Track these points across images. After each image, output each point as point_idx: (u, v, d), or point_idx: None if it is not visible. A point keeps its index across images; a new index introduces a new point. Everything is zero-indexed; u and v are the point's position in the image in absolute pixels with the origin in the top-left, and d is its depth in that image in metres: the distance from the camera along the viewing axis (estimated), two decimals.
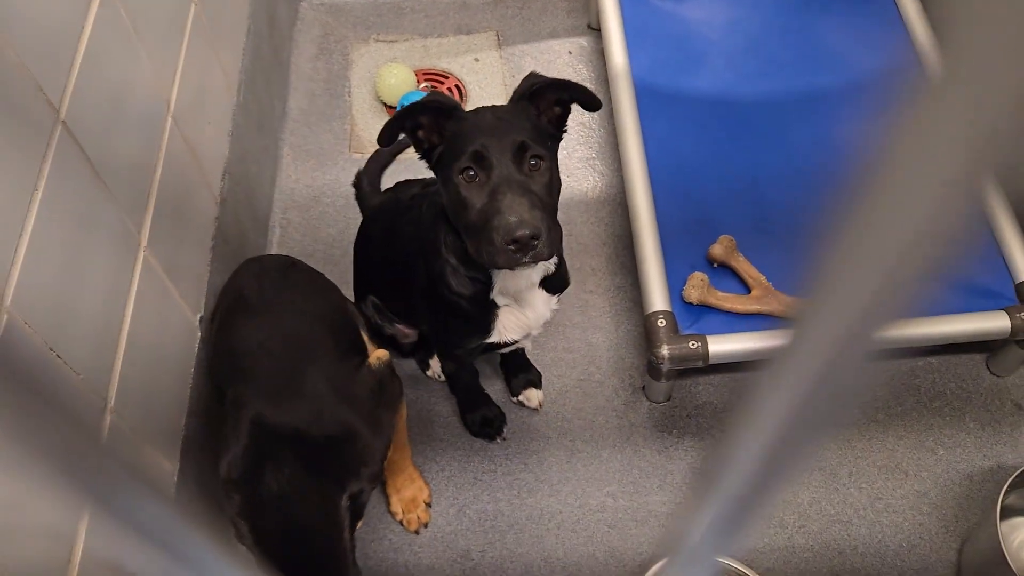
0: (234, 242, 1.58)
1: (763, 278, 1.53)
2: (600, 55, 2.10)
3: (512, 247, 1.03)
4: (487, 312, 1.26)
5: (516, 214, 1.02)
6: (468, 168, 1.07)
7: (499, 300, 1.25)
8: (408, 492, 1.48)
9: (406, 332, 1.58)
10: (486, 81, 2.08)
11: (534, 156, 1.08)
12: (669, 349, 1.45)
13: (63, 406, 0.27)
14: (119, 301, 1.13)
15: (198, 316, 1.39)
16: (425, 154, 1.16)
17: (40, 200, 0.93)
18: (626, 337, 1.70)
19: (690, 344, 1.45)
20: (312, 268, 1.45)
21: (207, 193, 1.48)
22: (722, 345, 1.45)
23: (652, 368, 1.52)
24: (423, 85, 2.06)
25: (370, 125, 2.01)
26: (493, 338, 1.29)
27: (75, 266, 1.01)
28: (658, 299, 1.51)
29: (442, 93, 1.18)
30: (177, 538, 0.34)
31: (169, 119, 1.32)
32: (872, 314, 0.26)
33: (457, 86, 2.06)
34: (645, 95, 1.80)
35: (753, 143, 1.76)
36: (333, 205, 1.86)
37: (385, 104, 2.03)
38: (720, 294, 1.52)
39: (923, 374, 1.66)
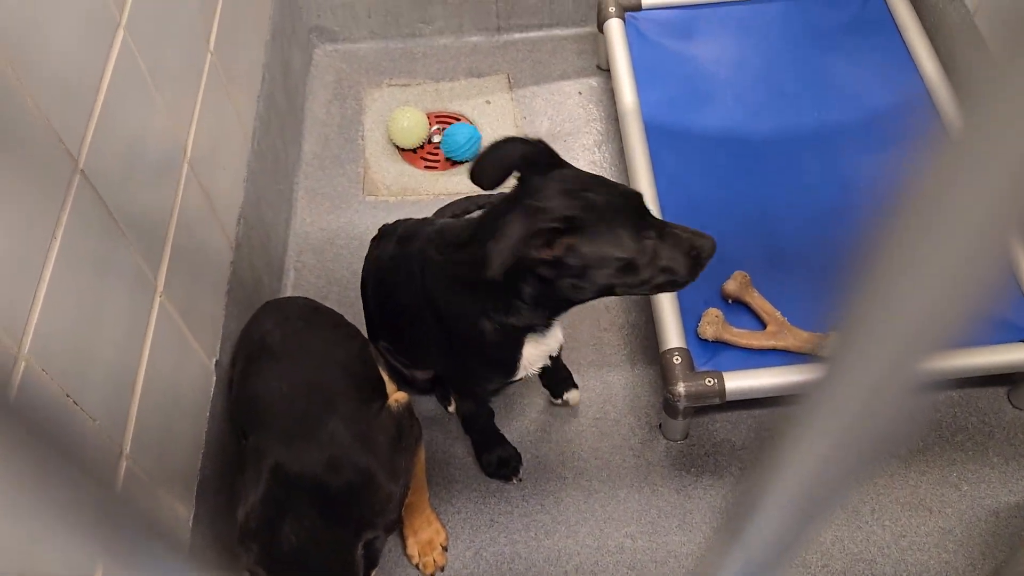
0: (249, 286, 1.60)
1: (778, 313, 1.52)
2: (610, 94, 2.12)
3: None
4: (515, 353, 1.27)
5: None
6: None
7: (529, 340, 1.26)
8: (425, 534, 1.47)
9: (421, 373, 1.59)
10: (498, 123, 2.10)
11: None
12: (685, 386, 1.44)
13: (79, 456, 0.27)
14: (135, 346, 1.13)
15: (213, 360, 1.40)
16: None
17: (58, 248, 0.95)
18: (642, 375, 1.69)
19: (706, 381, 1.44)
20: (333, 311, 1.46)
21: (222, 238, 1.49)
22: (739, 381, 1.44)
23: (668, 406, 1.51)
24: (435, 128, 2.09)
25: (383, 168, 2.03)
26: (519, 375, 1.31)
27: (92, 312, 1.02)
28: (673, 336, 1.50)
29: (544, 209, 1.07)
30: None
31: (185, 166, 1.34)
32: (914, 347, 0.26)
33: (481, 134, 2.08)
34: (655, 133, 1.81)
35: (764, 179, 1.76)
36: (347, 247, 1.87)
37: (398, 147, 2.05)
38: (735, 330, 1.51)
39: (944, 408, 1.64)
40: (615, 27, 2.00)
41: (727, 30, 2.02)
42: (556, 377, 1.63)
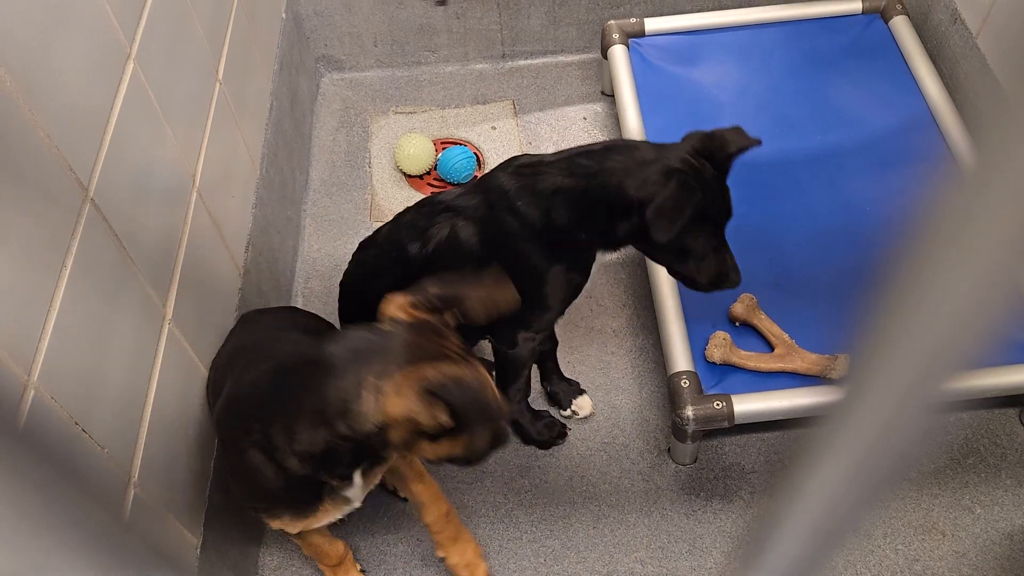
0: None
1: (786, 336, 1.52)
2: (614, 120, 2.13)
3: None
4: (590, 259, 1.38)
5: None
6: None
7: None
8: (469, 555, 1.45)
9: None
10: (503, 148, 2.11)
11: None
12: (694, 410, 1.44)
13: (86, 482, 0.27)
14: (144, 373, 1.14)
15: None
16: None
17: (68, 275, 0.95)
18: (650, 399, 1.69)
19: (715, 404, 1.43)
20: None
21: (231, 264, 1.50)
22: (747, 404, 1.44)
23: (677, 429, 1.50)
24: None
25: (390, 194, 2.04)
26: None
27: (101, 340, 1.03)
28: (681, 359, 1.50)
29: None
30: None
31: (194, 194, 1.35)
32: (933, 369, 0.26)
33: (476, 154, 2.10)
34: None
35: (769, 202, 1.77)
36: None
37: (405, 174, 2.06)
38: (743, 353, 1.51)
39: (955, 430, 1.62)
40: (619, 53, 2.02)
41: (730, 55, 2.03)
42: (558, 382, 1.65)
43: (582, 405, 1.65)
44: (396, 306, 1.03)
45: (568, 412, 1.65)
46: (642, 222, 1.24)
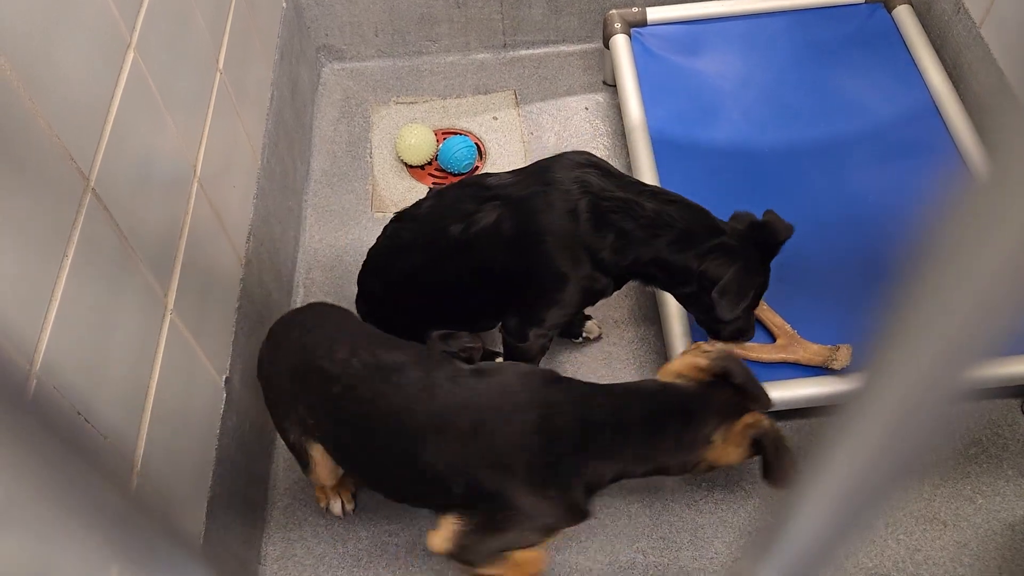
0: (259, 303, 1.60)
1: (788, 326, 1.52)
2: (616, 110, 2.13)
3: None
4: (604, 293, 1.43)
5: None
6: None
7: None
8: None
9: (476, 342, 1.56)
10: (505, 139, 2.11)
11: None
12: None
13: (94, 457, 0.27)
14: (146, 364, 1.14)
15: (223, 377, 1.40)
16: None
17: (69, 266, 0.95)
18: None
19: None
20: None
21: (232, 255, 1.50)
22: None
23: None
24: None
25: (391, 185, 2.04)
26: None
27: (103, 330, 1.03)
28: (682, 350, 1.50)
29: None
30: None
31: (195, 183, 1.35)
32: (952, 359, 0.26)
33: (476, 144, 2.09)
34: (662, 148, 1.81)
35: (771, 193, 1.76)
36: (356, 264, 1.87)
37: (406, 164, 2.06)
38: (746, 343, 1.50)
39: (957, 421, 1.62)
40: (621, 43, 2.01)
41: (732, 45, 2.02)
42: (571, 323, 1.71)
43: (591, 329, 1.73)
44: (686, 366, 1.20)
45: (580, 339, 1.73)
46: (700, 290, 1.34)
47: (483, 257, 1.37)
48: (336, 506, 1.52)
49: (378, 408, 1.18)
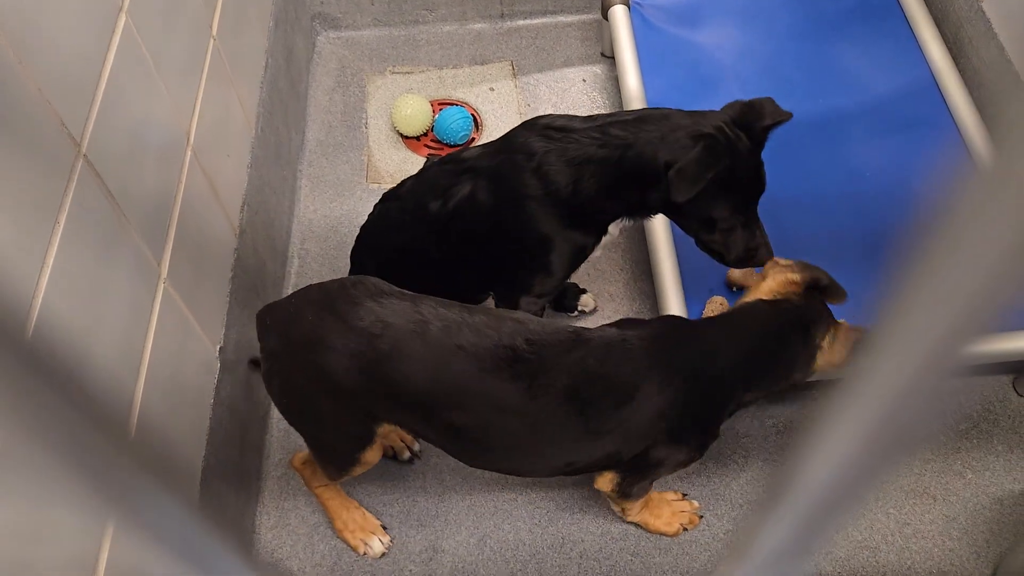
0: (253, 273, 1.59)
1: None
2: (614, 82, 2.11)
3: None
4: (602, 232, 1.39)
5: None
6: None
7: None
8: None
9: None
10: (501, 110, 2.09)
11: None
12: None
13: (91, 401, 0.27)
14: (139, 332, 1.13)
15: (217, 347, 1.40)
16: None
17: (61, 232, 0.94)
18: None
19: None
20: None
21: (226, 224, 1.49)
22: None
23: None
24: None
25: (387, 156, 2.02)
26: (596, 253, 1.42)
27: (95, 298, 1.02)
28: None
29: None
30: (202, 546, 0.34)
31: (188, 152, 1.33)
32: (954, 333, 0.26)
33: (473, 115, 2.08)
34: None
35: (769, 166, 1.75)
36: (351, 235, 1.86)
37: (402, 135, 2.04)
38: None
39: (954, 397, 1.63)
40: (620, 14, 1.99)
41: (732, 17, 2.00)
42: (565, 296, 1.72)
43: (586, 302, 1.74)
44: (781, 283, 1.23)
45: (575, 313, 1.74)
46: (668, 186, 1.24)
47: (464, 230, 1.38)
48: (376, 544, 1.47)
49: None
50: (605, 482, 1.31)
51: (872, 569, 1.45)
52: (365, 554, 1.47)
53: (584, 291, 1.74)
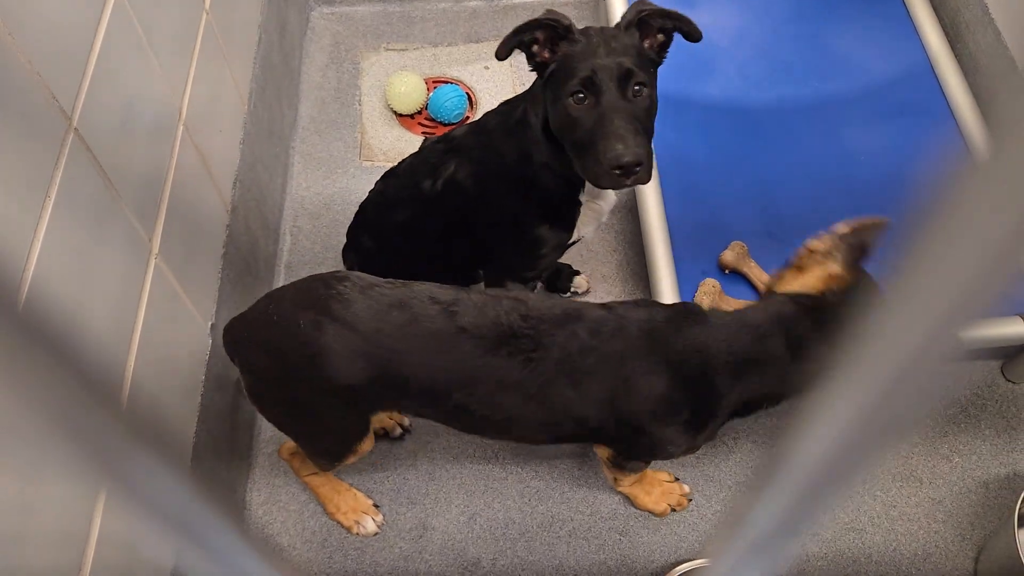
0: (245, 250, 1.59)
1: None
2: None
3: (617, 171, 1.12)
4: (573, 210, 1.33)
5: (623, 142, 1.11)
6: (578, 91, 1.15)
7: (583, 199, 1.33)
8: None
9: None
10: (496, 89, 2.08)
11: (638, 83, 1.17)
12: None
13: (83, 369, 0.27)
14: (130, 308, 1.13)
15: (209, 324, 1.40)
16: (536, 67, 1.23)
17: (52, 207, 0.94)
18: None
19: None
20: None
21: (218, 200, 1.48)
22: None
23: None
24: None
25: (380, 133, 2.01)
26: (573, 236, 1.37)
27: (86, 273, 1.02)
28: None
29: (559, 12, 1.20)
30: (194, 515, 0.34)
31: (181, 127, 1.32)
32: (948, 317, 0.26)
33: (467, 93, 2.06)
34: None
35: (764, 149, 1.75)
36: (344, 213, 1.86)
37: (396, 112, 2.03)
38: (732, 300, 1.51)
39: (949, 381, 1.64)
40: None
41: None
42: (559, 278, 1.72)
43: (579, 284, 1.75)
44: (822, 279, 1.15)
45: (568, 294, 1.74)
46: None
47: (452, 209, 1.38)
48: (369, 524, 1.48)
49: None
50: (603, 449, 1.32)
51: (858, 551, 1.47)
52: (358, 534, 1.48)
53: (577, 272, 1.74)
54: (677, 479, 1.52)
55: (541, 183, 1.30)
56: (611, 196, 1.38)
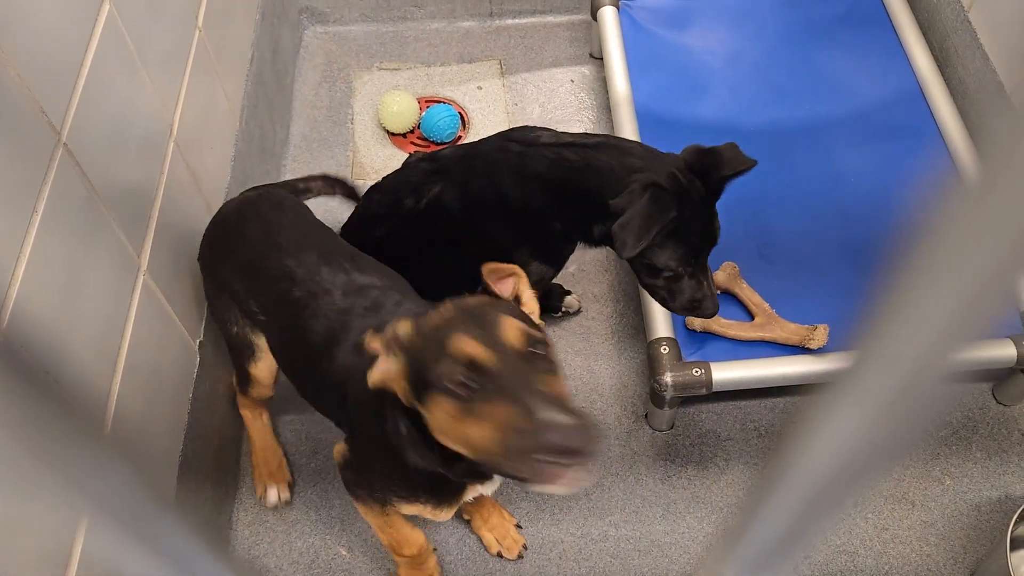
0: None
1: (766, 305, 1.52)
2: (602, 83, 2.11)
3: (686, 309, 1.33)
4: (566, 249, 1.38)
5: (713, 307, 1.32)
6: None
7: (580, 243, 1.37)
8: (495, 521, 1.47)
9: None
10: (489, 109, 2.08)
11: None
12: (672, 376, 1.44)
13: (65, 398, 0.26)
14: (118, 324, 1.12)
15: (197, 341, 1.38)
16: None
17: (39, 222, 0.93)
18: (629, 365, 1.69)
19: (693, 371, 1.44)
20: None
21: (208, 218, 1.47)
22: (726, 372, 1.44)
23: (655, 396, 1.50)
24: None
25: (372, 152, 2.01)
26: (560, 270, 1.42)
27: (74, 289, 1.01)
28: (661, 326, 1.50)
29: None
30: (177, 542, 0.33)
31: (171, 143, 1.32)
32: (943, 341, 0.26)
33: (460, 113, 2.07)
34: (647, 123, 1.80)
35: (756, 170, 1.75)
36: (334, 231, 1.85)
37: (388, 132, 2.03)
38: (723, 321, 1.51)
39: (945, 403, 1.64)
40: (609, 15, 1.99)
41: (721, 21, 2.01)
42: (550, 297, 1.72)
43: (570, 303, 1.73)
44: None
45: (559, 313, 1.73)
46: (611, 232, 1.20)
47: (435, 230, 1.38)
48: (272, 494, 1.49)
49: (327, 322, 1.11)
50: (337, 448, 1.19)
51: (850, 573, 1.46)
52: (260, 498, 1.49)
53: (568, 292, 1.74)
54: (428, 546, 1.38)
55: (539, 225, 1.31)
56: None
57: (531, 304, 0.94)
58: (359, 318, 1.09)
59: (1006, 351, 1.46)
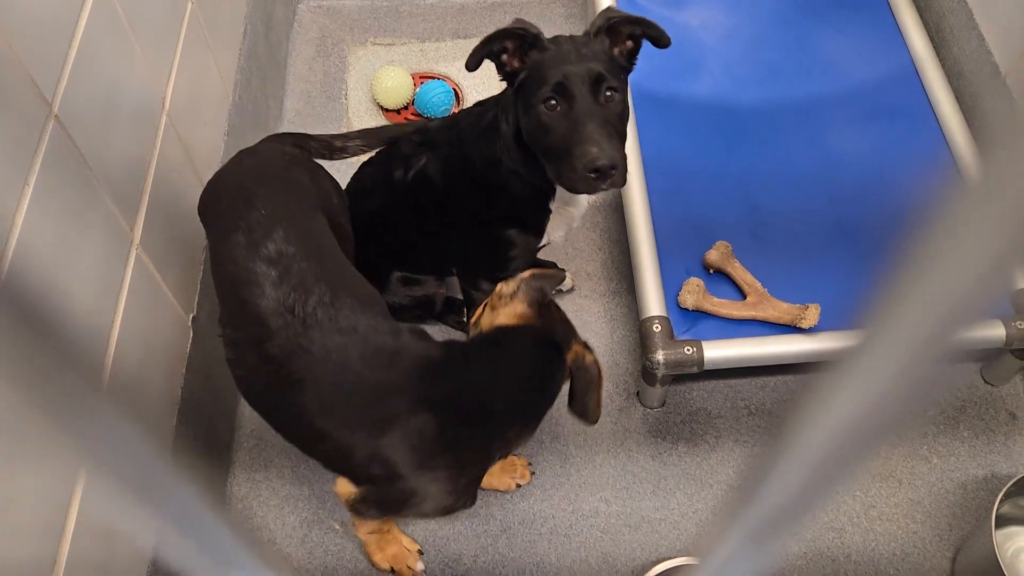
0: None
1: (759, 284, 1.52)
2: None
3: (593, 175, 1.12)
4: (542, 217, 1.34)
5: (597, 145, 1.11)
6: (551, 98, 1.15)
7: (554, 206, 1.33)
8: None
9: (439, 288, 1.59)
10: (483, 85, 2.07)
11: (610, 88, 1.17)
12: (664, 354, 1.44)
13: (64, 348, 0.26)
14: (110, 298, 1.12)
15: (190, 316, 1.38)
16: (507, 77, 1.23)
17: (31, 195, 0.92)
18: (621, 342, 1.70)
19: (685, 349, 1.44)
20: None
21: (201, 192, 1.47)
22: (717, 351, 1.45)
23: (647, 373, 1.51)
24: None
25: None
26: (543, 240, 1.38)
27: (65, 262, 1.00)
28: (654, 304, 1.50)
29: (527, 21, 1.21)
30: (173, 495, 0.33)
31: (164, 117, 1.31)
32: (946, 321, 0.26)
33: (454, 89, 2.06)
34: (642, 101, 1.80)
35: (750, 149, 1.76)
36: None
37: (382, 107, 2.02)
38: (716, 300, 1.51)
39: (947, 382, 1.65)
40: None
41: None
42: None
43: (565, 282, 1.72)
44: (513, 316, 1.13)
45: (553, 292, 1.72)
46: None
47: (422, 202, 1.38)
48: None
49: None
50: (342, 485, 1.14)
51: (837, 550, 1.48)
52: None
53: (562, 271, 1.74)
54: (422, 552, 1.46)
55: (509, 189, 1.30)
56: (582, 201, 1.37)
57: None
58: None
59: (995, 332, 1.47)
